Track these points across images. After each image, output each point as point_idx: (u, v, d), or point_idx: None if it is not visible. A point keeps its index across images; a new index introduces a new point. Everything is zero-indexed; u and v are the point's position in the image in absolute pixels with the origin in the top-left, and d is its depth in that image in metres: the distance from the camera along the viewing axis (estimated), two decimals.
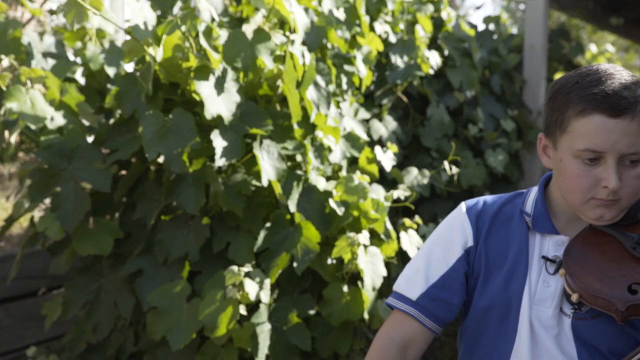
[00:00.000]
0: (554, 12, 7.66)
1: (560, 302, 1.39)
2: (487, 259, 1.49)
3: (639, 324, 1.33)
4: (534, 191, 1.54)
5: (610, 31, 7.34)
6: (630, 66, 13.35)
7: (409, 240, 3.08)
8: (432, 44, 4.46)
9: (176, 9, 2.65)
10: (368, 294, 2.75)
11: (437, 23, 4.52)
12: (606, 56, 8.35)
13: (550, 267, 1.42)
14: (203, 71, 2.37)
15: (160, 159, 2.50)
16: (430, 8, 4.30)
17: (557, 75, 5.90)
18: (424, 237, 3.42)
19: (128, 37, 2.34)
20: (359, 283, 2.79)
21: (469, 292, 1.53)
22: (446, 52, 4.42)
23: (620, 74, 1.34)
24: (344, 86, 3.23)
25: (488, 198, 1.58)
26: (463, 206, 1.58)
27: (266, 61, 2.52)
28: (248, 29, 2.62)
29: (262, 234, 2.58)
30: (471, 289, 1.52)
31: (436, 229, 1.62)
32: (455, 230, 1.54)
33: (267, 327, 2.59)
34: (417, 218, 3.20)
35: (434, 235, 1.59)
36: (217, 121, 2.41)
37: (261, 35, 2.53)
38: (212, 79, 2.39)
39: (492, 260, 1.48)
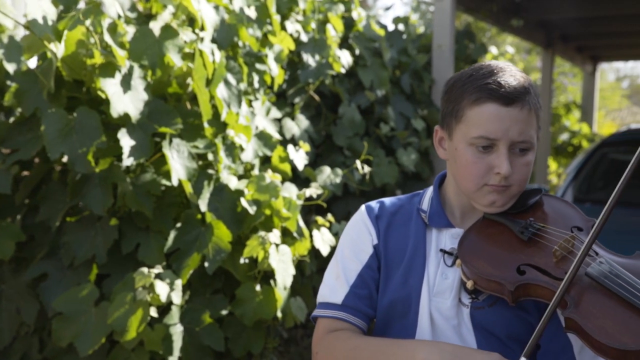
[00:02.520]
0: (461, 15, 7.91)
1: (458, 293, 1.44)
2: (387, 257, 1.54)
3: (532, 308, 1.40)
4: (429, 190, 1.61)
5: (512, 33, 7.65)
6: (532, 67, 13.95)
7: (322, 239, 3.11)
8: (343, 44, 4.52)
9: (82, 5, 2.57)
10: (281, 293, 2.75)
11: (348, 23, 4.58)
12: (506, 57, 8.69)
13: (448, 259, 1.47)
14: (108, 68, 2.31)
15: (65, 159, 2.42)
16: (341, 8, 4.36)
17: None
18: (336, 235, 3.46)
19: (28, 32, 2.25)
20: (272, 282, 2.79)
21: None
22: (357, 52, 4.49)
23: (510, 68, 1.42)
24: (256, 85, 3.22)
25: (386, 200, 1.64)
26: (363, 208, 1.63)
27: (174, 59, 2.48)
28: (155, 26, 2.58)
29: (172, 235, 2.54)
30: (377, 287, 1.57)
31: (342, 235, 1.65)
32: (361, 230, 1.58)
33: (179, 328, 2.56)
34: (329, 216, 3.23)
35: (342, 241, 1.63)
36: (124, 120, 2.36)
37: (169, 32, 2.49)
38: (118, 77, 2.33)
39: (391, 259, 1.53)
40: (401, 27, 5.49)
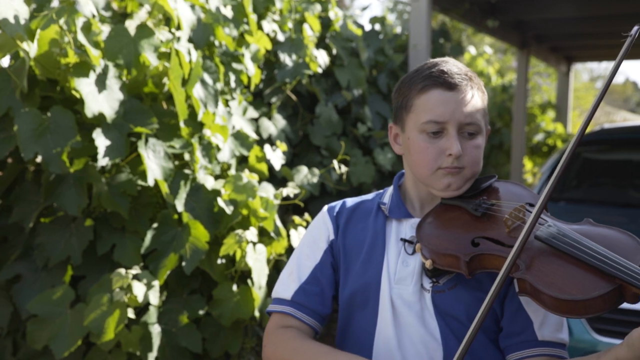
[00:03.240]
0: (437, 15, 7.95)
1: (420, 279, 1.48)
2: (346, 250, 1.59)
3: (490, 288, 1.41)
4: (390, 187, 1.67)
5: (488, 34, 7.70)
6: (508, 67, 14.07)
7: (299, 238, 3.11)
8: (320, 43, 4.52)
9: (55, 3, 2.54)
10: (258, 292, 2.75)
11: (325, 22, 4.58)
12: (484, 57, 8.74)
13: (409, 248, 1.52)
14: (83, 67, 2.29)
15: (39, 159, 2.39)
16: (318, 7, 4.36)
17: None
18: None
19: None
20: (249, 281, 2.79)
21: (337, 286, 1.61)
22: (334, 52, 4.49)
23: (452, 60, 1.53)
24: (233, 84, 3.21)
25: (349, 199, 1.70)
26: (325, 207, 1.69)
27: (150, 58, 2.47)
28: (131, 25, 2.56)
29: (149, 235, 2.52)
30: (337, 282, 1.61)
31: (304, 234, 1.71)
32: (319, 228, 1.64)
33: (156, 329, 2.54)
34: (306, 216, 3.23)
35: (302, 239, 1.69)
36: (99, 119, 2.34)
37: (144, 31, 2.47)
38: (92, 76, 2.31)
39: (350, 251, 1.58)
40: (377, 27, 5.51)
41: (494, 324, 1.47)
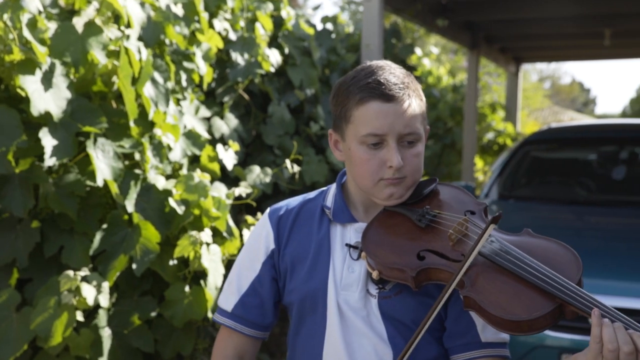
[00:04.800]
0: (390, 15, 8.02)
1: (365, 285, 1.49)
2: (291, 257, 1.59)
3: (436, 293, 1.47)
4: (333, 187, 1.66)
5: (439, 34, 7.80)
6: (459, 67, 14.29)
7: None
8: (273, 43, 4.51)
9: None
10: (212, 292, 2.73)
11: (277, 22, 4.58)
12: (431, 58, 8.85)
13: (354, 253, 1.53)
14: (28, 65, 2.23)
15: None
16: (270, 6, 4.35)
17: None
18: None
19: None
20: (202, 282, 2.77)
21: (281, 293, 1.62)
22: (287, 51, 4.49)
23: (390, 67, 1.50)
24: (184, 83, 3.18)
25: (292, 201, 1.68)
26: (267, 212, 1.67)
27: (98, 56, 2.42)
28: (79, 22, 2.51)
29: (98, 236, 2.48)
30: (282, 289, 1.62)
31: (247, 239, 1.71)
32: (259, 237, 1.63)
33: (107, 332, 2.51)
34: (259, 215, 3.22)
35: (244, 246, 1.69)
36: (46, 118, 2.29)
37: (92, 29, 2.42)
38: (38, 74, 2.26)
39: (296, 257, 1.58)
40: (330, 26, 5.53)
41: (439, 323, 1.49)
